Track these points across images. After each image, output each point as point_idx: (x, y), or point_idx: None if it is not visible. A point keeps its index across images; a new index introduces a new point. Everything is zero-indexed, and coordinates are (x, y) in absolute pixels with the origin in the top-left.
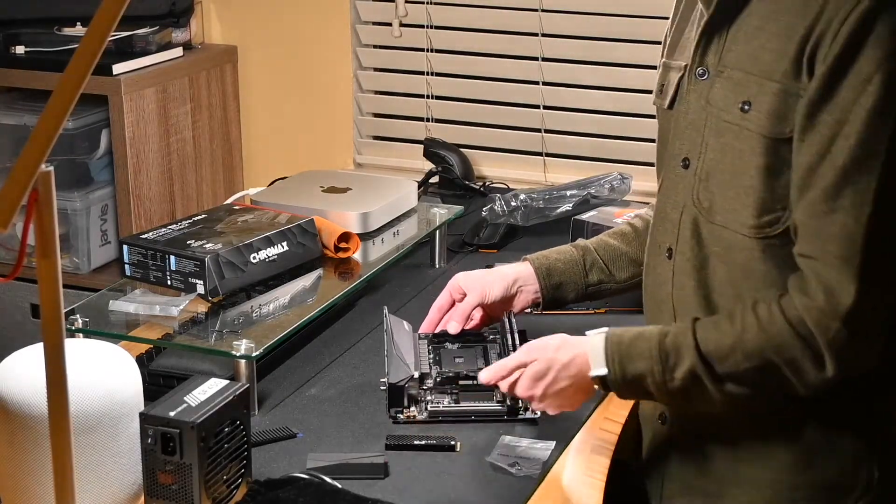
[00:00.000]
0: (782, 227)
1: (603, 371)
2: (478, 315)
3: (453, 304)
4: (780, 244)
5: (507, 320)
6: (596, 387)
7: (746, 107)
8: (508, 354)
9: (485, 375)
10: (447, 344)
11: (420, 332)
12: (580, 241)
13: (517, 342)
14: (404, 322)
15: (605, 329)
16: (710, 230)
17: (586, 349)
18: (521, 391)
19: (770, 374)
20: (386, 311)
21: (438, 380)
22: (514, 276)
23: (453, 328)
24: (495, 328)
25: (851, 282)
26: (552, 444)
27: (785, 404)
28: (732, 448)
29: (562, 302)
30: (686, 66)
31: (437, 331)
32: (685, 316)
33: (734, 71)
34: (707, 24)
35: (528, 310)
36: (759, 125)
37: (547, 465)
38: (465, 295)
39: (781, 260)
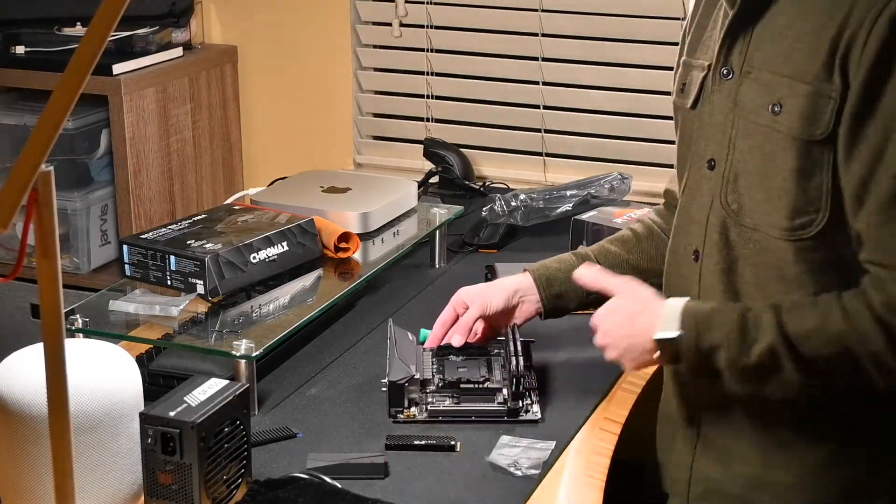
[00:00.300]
0: (816, 230)
1: (673, 333)
2: (481, 328)
3: (457, 318)
4: (812, 246)
5: (510, 332)
6: (656, 354)
7: (777, 108)
8: (512, 365)
9: (588, 274)
10: (451, 356)
11: (425, 347)
12: (581, 249)
13: (521, 354)
14: (408, 333)
15: (686, 298)
16: (740, 232)
17: (660, 309)
18: (595, 318)
19: (848, 363)
20: (391, 322)
21: (440, 385)
22: (514, 287)
23: (457, 341)
24: (500, 342)
25: None
26: (552, 444)
27: (858, 396)
28: (759, 452)
29: (563, 311)
30: (709, 65)
31: (441, 344)
32: None
33: (762, 72)
34: (732, 24)
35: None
36: (790, 127)
37: (547, 465)
38: (468, 309)
39: (814, 263)
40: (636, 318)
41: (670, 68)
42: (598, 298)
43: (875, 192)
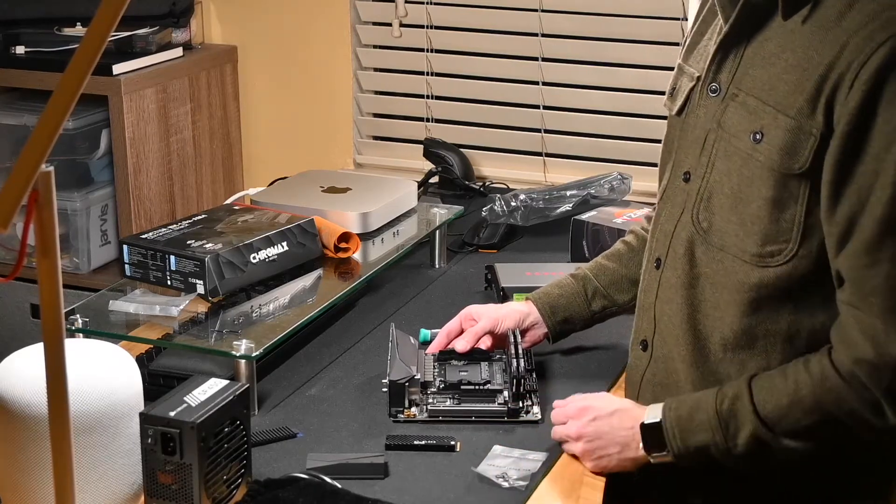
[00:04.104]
0: (784, 260)
1: (657, 418)
2: (488, 342)
3: (463, 332)
4: (776, 274)
5: (512, 335)
6: (642, 452)
7: (759, 136)
8: (514, 367)
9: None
10: (452, 361)
11: (427, 352)
12: (579, 271)
13: (522, 356)
14: (410, 337)
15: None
16: (705, 251)
17: (638, 409)
18: (560, 413)
19: (832, 427)
20: (393, 326)
21: (441, 387)
22: (524, 313)
23: (461, 346)
24: (501, 349)
25: None
26: (543, 455)
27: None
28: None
29: (570, 332)
30: (699, 77)
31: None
32: (665, 328)
33: (749, 97)
34: (724, 39)
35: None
36: (769, 158)
37: (536, 479)
38: (476, 323)
39: (773, 290)
40: (615, 415)
41: (670, 69)
42: (602, 316)
43: (859, 234)
